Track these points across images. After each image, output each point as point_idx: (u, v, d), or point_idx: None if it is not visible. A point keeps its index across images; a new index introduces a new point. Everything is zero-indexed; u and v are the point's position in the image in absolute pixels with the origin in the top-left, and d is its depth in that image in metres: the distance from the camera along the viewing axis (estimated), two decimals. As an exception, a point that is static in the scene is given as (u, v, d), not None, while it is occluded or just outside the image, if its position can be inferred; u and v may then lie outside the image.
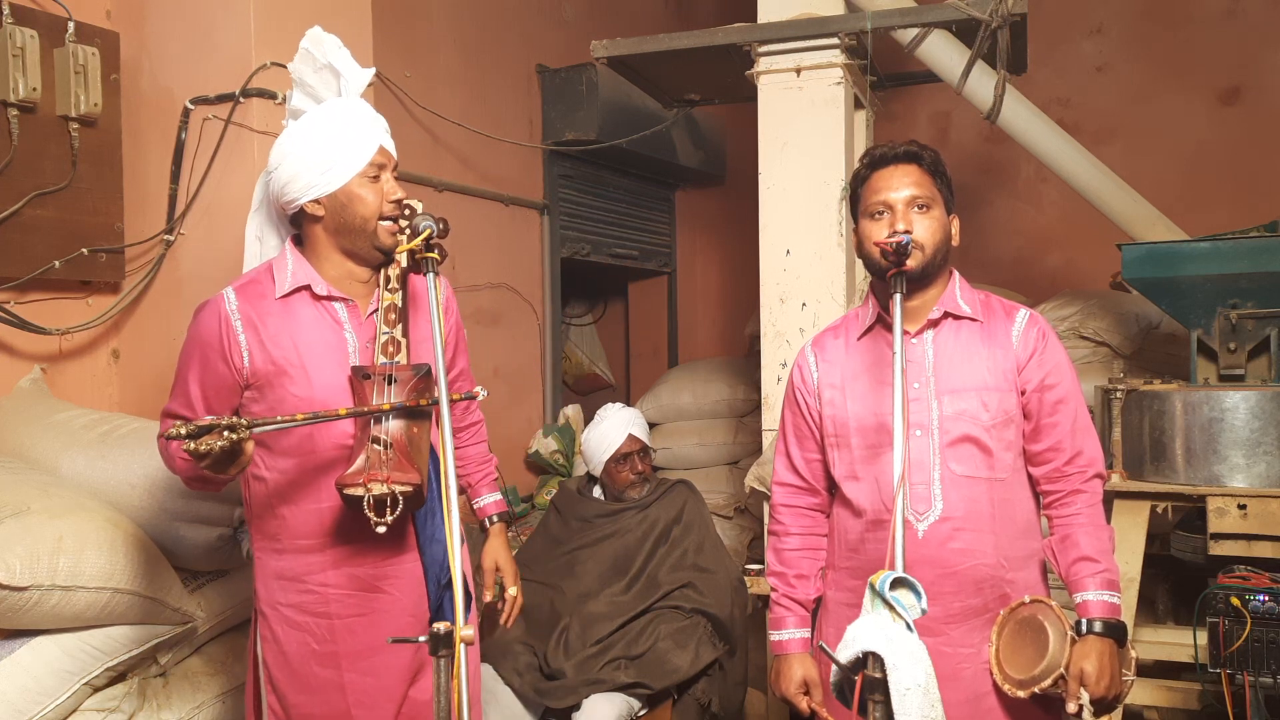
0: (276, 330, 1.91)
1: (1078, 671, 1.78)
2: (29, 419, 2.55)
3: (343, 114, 1.92)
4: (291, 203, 1.93)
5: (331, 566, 1.94)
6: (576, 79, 4.73)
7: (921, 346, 1.94)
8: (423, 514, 1.94)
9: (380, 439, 1.78)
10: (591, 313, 6.33)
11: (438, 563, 1.94)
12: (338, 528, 1.92)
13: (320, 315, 1.93)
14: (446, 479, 1.56)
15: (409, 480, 1.76)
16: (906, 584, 1.61)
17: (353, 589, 1.94)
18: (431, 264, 1.75)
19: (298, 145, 1.91)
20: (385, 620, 1.96)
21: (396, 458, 1.77)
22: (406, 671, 1.99)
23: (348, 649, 1.95)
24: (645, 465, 3.34)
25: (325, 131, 1.90)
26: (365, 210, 1.90)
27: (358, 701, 1.95)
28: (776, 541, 2.11)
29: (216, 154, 2.82)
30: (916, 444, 1.90)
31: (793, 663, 2.03)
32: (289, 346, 1.90)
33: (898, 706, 1.52)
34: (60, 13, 2.67)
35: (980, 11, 3.15)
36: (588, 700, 2.84)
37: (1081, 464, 1.93)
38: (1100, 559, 1.88)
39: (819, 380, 2.04)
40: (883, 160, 1.95)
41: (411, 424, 1.83)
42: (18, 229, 2.58)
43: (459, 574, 1.52)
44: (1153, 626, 3.08)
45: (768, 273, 3.39)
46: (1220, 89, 5.11)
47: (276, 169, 1.94)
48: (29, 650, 2.09)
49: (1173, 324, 3.61)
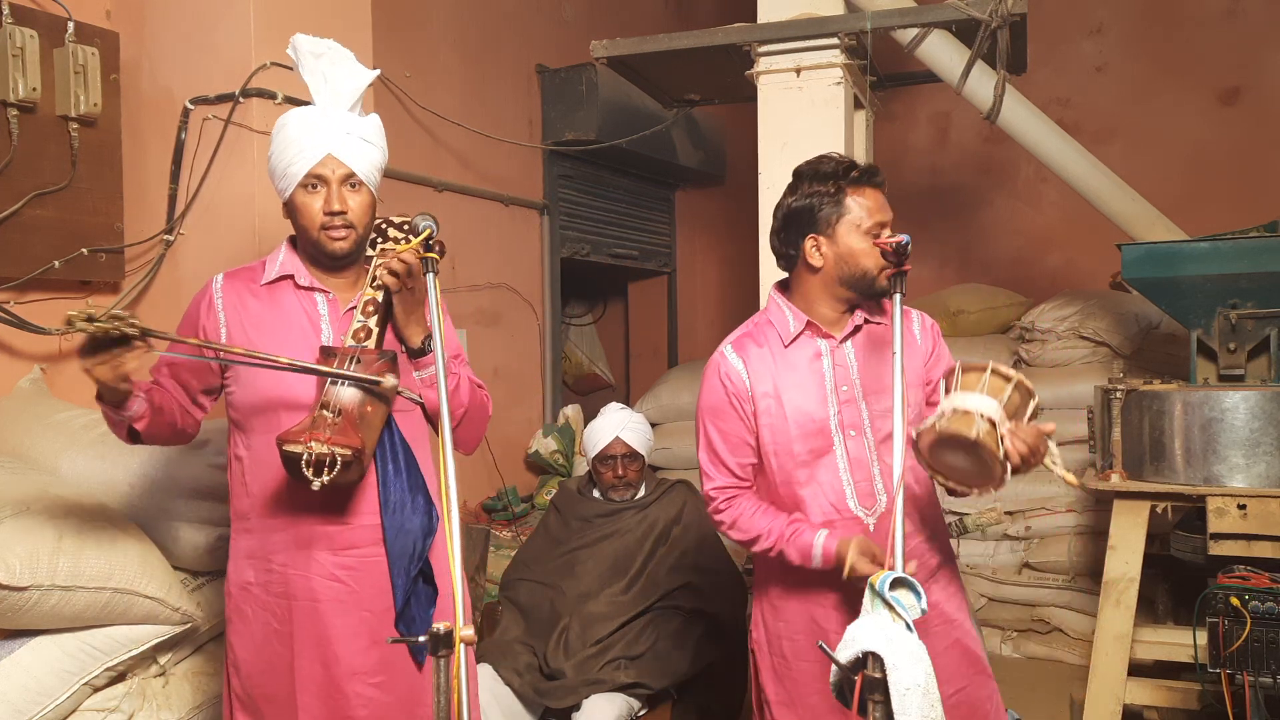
0: (257, 314, 1.99)
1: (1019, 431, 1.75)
2: (29, 419, 2.55)
3: (293, 123, 1.95)
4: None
5: (295, 548, 1.96)
6: (576, 79, 4.73)
7: (843, 354, 2.04)
8: (391, 505, 1.95)
9: (329, 404, 1.82)
10: (591, 313, 6.34)
11: (406, 555, 1.95)
12: (303, 509, 1.95)
13: (299, 305, 2.00)
14: (446, 479, 1.56)
15: (349, 444, 1.77)
16: (906, 584, 1.61)
17: (312, 573, 1.96)
18: (431, 264, 1.77)
19: (270, 149, 1.98)
20: (342, 610, 1.96)
21: (342, 424, 1.80)
22: (358, 667, 1.97)
23: (302, 633, 1.97)
24: (629, 471, 3.27)
25: (279, 140, 1.96)
26: (304, 220, 1.95)
27: (303, 687, 1.97)
28: (738, 521, 2.05)
29: (216, 154, 2.82)
30: (853, 444, 2.01)
31: (852, 538, 1.91)
32: (265, 330, 1.98)
33: (898, 706, 1.53)
34: (60, 13, 2.67)
35: (980, 11, 3.15)
36: (588, 700, 2.84)
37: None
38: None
39: (752, 388, 2.04)
40: (875, 181, 2.02)
41: (366, 403, 1.85)
42: (17, 229, 2.58)
43: (459, 575, 1.52)
44: (1153, 626, 3.08)
45: (767, 273, 3.39)
46: (1220, 89, 5.12)
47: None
48: (29, 650, 2.09)
49: (1172, 324, 3.62)
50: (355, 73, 1.99)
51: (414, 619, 1.97)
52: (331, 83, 1.97)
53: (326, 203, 1.93)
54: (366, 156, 1.97)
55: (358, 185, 1.96)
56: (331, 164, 1.93)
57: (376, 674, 1.98)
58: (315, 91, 1.97)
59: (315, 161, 1.92)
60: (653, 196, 5.83)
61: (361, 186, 1.97)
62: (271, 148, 1.97)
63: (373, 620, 1.97)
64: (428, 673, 1.99)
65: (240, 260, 2.80)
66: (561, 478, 4.56)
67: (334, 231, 1.94)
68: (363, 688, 1.97)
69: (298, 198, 1.95)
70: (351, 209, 1.94)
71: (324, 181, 1.93)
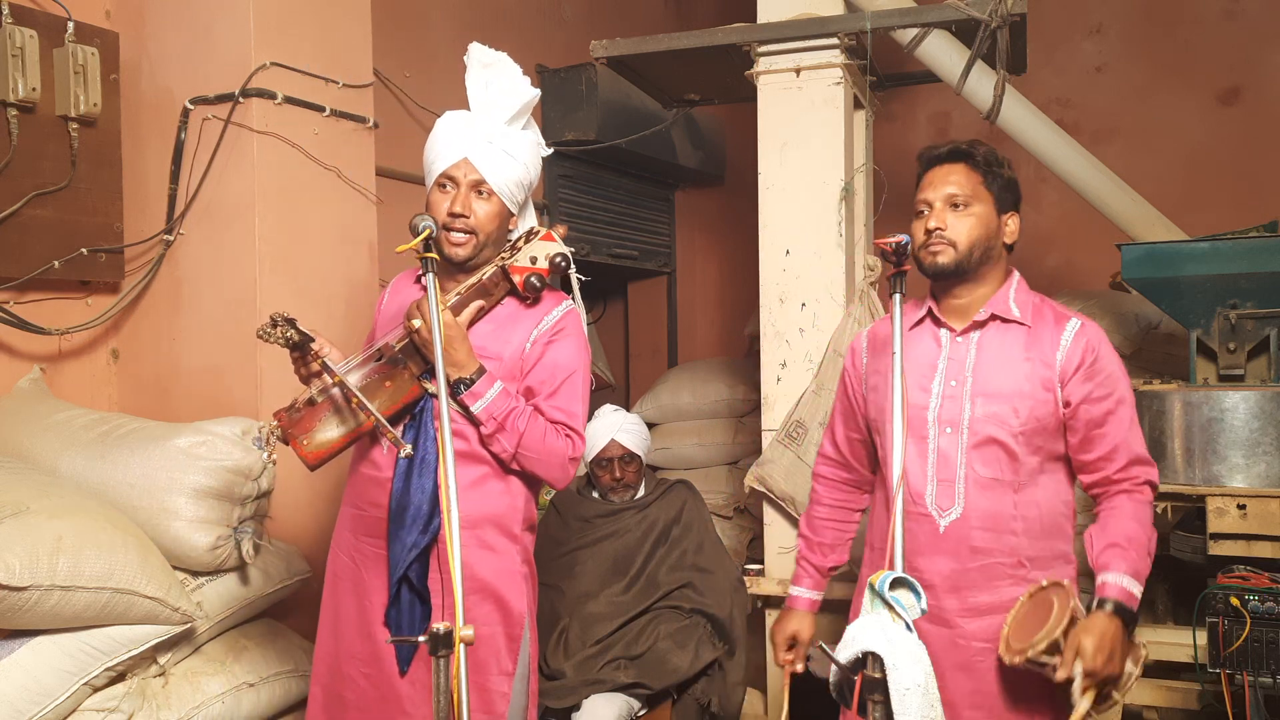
0: (395, 305, 2.15)
1: (1075, 642, 1.77)
2: (28, 419, 2.55)
3: (442, 124, 2.07)
4: None
5: (340, 526, 2.16)
6: (576, 79, 4.73)
7: (966, 346, 1.98)
8: (396, 504, 1.98)
9: (312, 392, 1.97)
10: (591, 313, 6.32)
11: (399, 556, 1.98)
12: (352, 493, 2.12)
13: (410, 298, 2.08)
14: (447, 479, 1.56)
15: (285, 429, 1.95)
16: (906, 584, 1.61)
17: (341, 551, 2.13)
18: (431, 264, 1.80)
19: (426, 145, 2.11)
20: (352, 591, 2.08)
21: (303, 414, 1.95)
22: (356, 651, 2.06)
23: (328, 606, 2.12)
24: (627, 473, 3.28)
25: (431, 137, 2.08)
26: (433, 216, 1.99)
27: (319, 656, 2.16)
28: (810, 508, 2.25)
29: (216, 154, 2.82)
30: (946, 441, 1.94)
31: (792, 617, 2.15)
32: (384, 324, 2.15)
33: (897, 707, 1.53)
34: (60, 13, 2.67)
35: (980, 12, 3.15)
36: (587, 700, 2.84)
37: (1134, 473, 1.94)
38: (1130, 548, 1.87)
39: (867, 367, 2.12)
40: (934, 160, 2.00)
41: (349, 400, 1.94)
42: (17, 229, 2.58)
43: (459, 575, 1.52)
44: (1152, 626, 3.07)
45: (767, 273, 3.39)
46: (1220, 89, 5.11)
47: None
48: (29, 650, 2.09)
49: (1172, 324, 3.61)
50: (517, 88, 2.05)
51: (396, 625, 2.00)
52: (491, 92, 2.04)
53: (451, 204, 1.99)
54: (503, 168, 2.02)
55: (488, 194, 2.01)
56: (465, 168, 2.00)
57: (367, 664, 2.04)
58: (473, 97, 2.06)
59: (451, 163, 2.01)
60: (652, 196, 5.82)
61: (492, 196, 2.02)
62: (427, 143, 2.09)
63: (371, 611, 2.03)
64: (410, 681, 2.01)
65: (238, 260, 2.81)
66: (561, 478, 4.55)
67: (453, 235, 2.00)
68: (355, 673, 2.05)
69: (432, 195, 2.06)
70: (476, 215, 2.00)
71: (455, 183, 2.00)
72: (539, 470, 2.06)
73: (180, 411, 2.77)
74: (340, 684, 2.06)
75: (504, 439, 1.99)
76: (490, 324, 2.06)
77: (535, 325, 2.06)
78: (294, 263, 2.86)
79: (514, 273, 2.03)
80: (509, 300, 2.08)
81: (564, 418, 2.06)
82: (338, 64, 3.02)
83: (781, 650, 2.11)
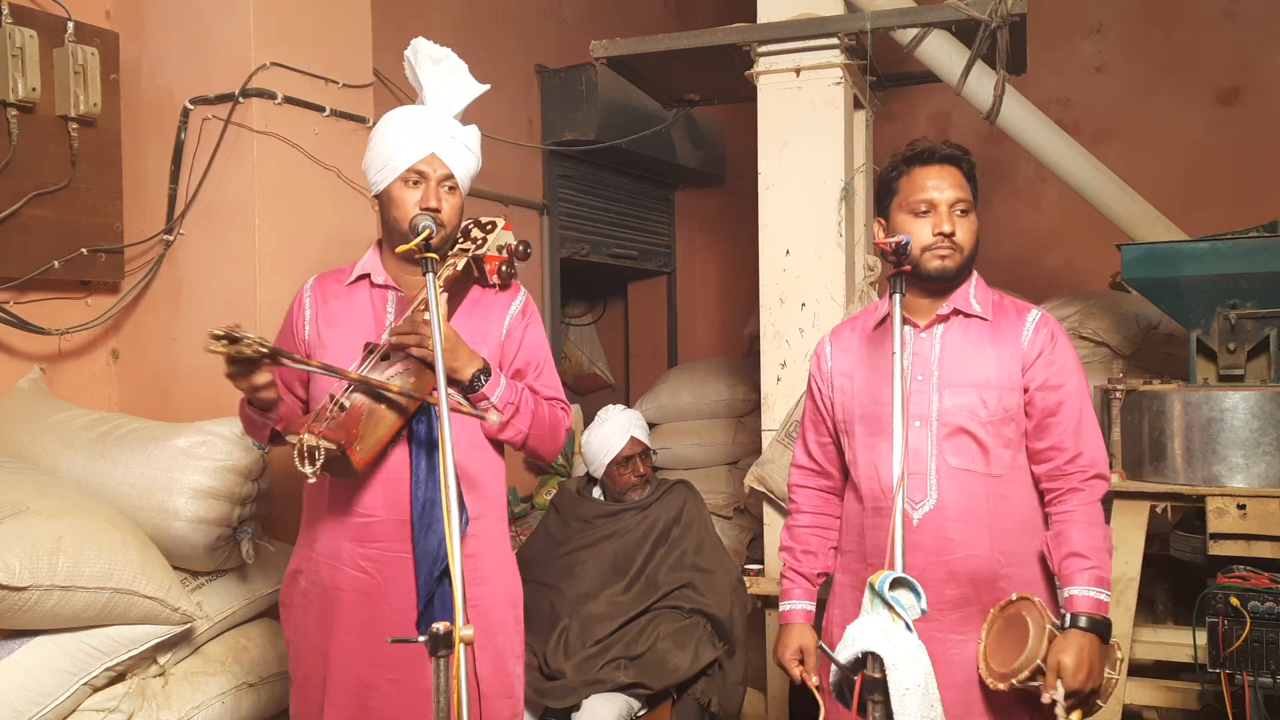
0: (335, 311, 2.10)
1: (1055, 664, 1.80)
2: (28, 419, 2.55)
3: (402, 119, 2.05)
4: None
5: (330, 537, 2.05)
6: (576, 79, 4.73)
7: (930, 340, 2.00)
8: (419, 502, 1.97)
9: (335, 397, 1.90)
10: (591, 313, 6.33)
11: (430, 554, 1.96)
12: (341, 501, 2.03)
13: (369, 302, 2.10)
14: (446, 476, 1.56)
15: (335, 439, 1.82)
16: (906, 584, 1.61)
17: (341, 563, 2.04)
18: (431, 264, 1.80)
19: (371, 141, 2.08)
20: (366, 601, 2.02)
21: (341, 420, 1.86)
22: (377, 660, 2.01)
23: (334, 620, 2.04)
24: (647, 467, 3.34)
25: (383, 132, 2.05)
26: (397, 213, 2.01)
27: (332, 672, 2.05)
28: (790, 519, 2.21)
29: (216, 154, 2.82)
30: (915, 434, 1.95)
31: (793, 632, 2.11)
32: (335, 328, 2.09)
33: (897, 707, 1.53)
34: (60, 13, 2.67)
35: (980, 12, 3.15)
36: (587, 700, 2.84)
37: (1082, 464, 1.95)
38: (1090, 555, 1.89)
39: (832, 368, 2.12)
40: (929, 157, 2.00)
41: (379, 401, 1.91)
42: (17, 229, 2.58)
43: (458, 575, 1.52)
44: (1152, 626, 3.08)
45: (767, 273, 3.39)
46: (1220, 89, 5.12)
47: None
48: (29, 650, 2.09)
49: (1172, 324, 3.61)
50: (466, 83, 2.10)
51: (430, 623, 1.98)
52: (445, 88, 2.07)
53: (424, 198, 2.00)
54: (465, 163, 2.07)
55: (454, 188, 2.05)
56: (434, 163, 2.02)
57: (393, 670, 2.01)
58: (429, 93, 2.08)
59: (419, 158, 2.01)
60: (652, 196, 5.82)
61: (456, 190, 2.06)
62: (373, 140, 2.06)
63: (393, 616, 2.00)
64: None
65: (238, 260, 2.81)
66: (561, 478, 4.55)
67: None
68: (379, 681, 2.01)
69: (395, 190, 2.02)
70: (444, 209, 2.02)
71: (424, 178, 2.01)
72: (545, 447, 2.14)
73: (180, 411, 2.76)
74: (364, 695, 2.01)
75: (519, 422, 2.07)
76: (461, 315, 2.10)
77: (505, 310, 2.14)
78: (294, 263, 2.86)
79: (487, 262, 2.10)
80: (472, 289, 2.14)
81: (555, 393, 2.17)
82: (337, 64, 3.02)
83: (795, 667, 2.07)
